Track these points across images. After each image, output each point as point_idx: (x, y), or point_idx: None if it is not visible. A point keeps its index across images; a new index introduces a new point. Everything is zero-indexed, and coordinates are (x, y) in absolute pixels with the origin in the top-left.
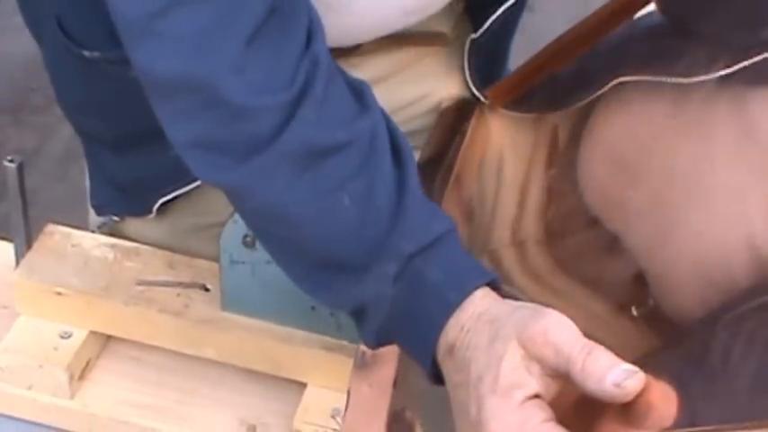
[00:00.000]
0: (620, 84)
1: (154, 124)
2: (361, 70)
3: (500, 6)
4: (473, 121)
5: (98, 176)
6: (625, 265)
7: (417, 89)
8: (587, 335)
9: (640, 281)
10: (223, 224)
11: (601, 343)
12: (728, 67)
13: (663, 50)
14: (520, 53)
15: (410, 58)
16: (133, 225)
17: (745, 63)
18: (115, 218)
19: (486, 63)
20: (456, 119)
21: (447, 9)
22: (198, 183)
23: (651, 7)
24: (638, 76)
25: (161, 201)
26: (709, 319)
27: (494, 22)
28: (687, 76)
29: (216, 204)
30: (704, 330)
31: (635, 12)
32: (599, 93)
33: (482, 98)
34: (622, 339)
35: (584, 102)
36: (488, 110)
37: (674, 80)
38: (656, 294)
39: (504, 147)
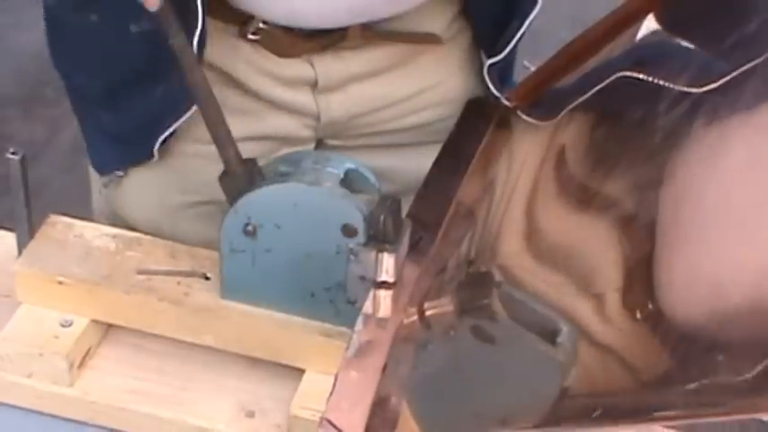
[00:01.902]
0: (621, 83)
1: (133, 70)
2: (351, 63)
3: (512, 28)
4: (493, 122)
5: (94, 134)
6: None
7: (411, 86)
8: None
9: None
10: (209, 203)
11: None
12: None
13: (666, 56)
14: (522, 52)
15: (403, 56)
16: (123, 203)
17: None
18: (119, 173)
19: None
20: (478, 116)
21: (439, 10)
22: (191, 112)
23: None
24: (641, 74)
25: (161, 138)
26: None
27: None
28: (692, 85)
29: (201, 177)
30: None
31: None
32: (600, 86)
33: (504, 101)
34: (632, 343)
35: (586, 95)
36: (508, 111)
37: (678, 87)
38: (658, 300)
39: (519, 158)
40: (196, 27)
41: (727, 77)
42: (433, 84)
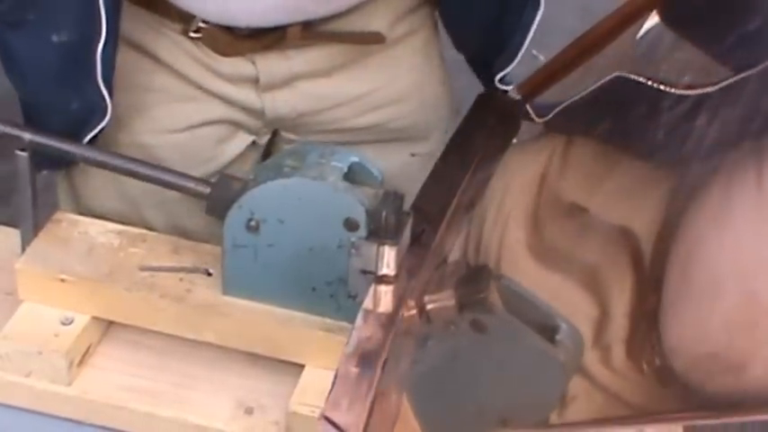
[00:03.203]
0: (619, 83)
1: (52, 79)
2: (295, 62)
3: (515, 43)
4: (499, 119)
5: None
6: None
7: (360, 86)
8: (606, 385)
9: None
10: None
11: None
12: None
13: (664, 58)
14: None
15: (349, 56)
16: (88, 193)
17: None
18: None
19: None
20: (487, 111)
21: (381, 12)
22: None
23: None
24: (635, 75)
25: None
26: None
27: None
28: (690, 87)
29: (162, 162)
30: None
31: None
32: (597, 85)
33: (513, 94)
34: (636, 390)
35: (584, 93)
36: (518, 110)
37: (677, 91)
38: (664, 351)
39: (520, 168)
40: (100, 36)
41: (726, 82)
42: (383, 84)
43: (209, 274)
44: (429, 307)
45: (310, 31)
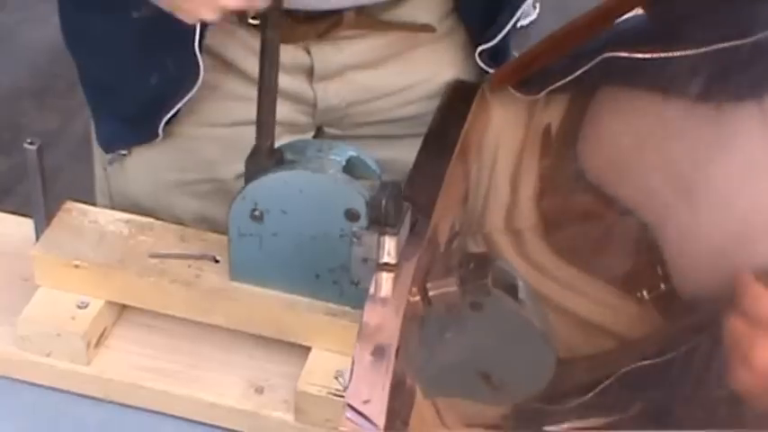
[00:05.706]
0: (609, 63)
1: (132, 54)
2: (348, 52)
3: (503, 17)
4: (475, 103)
5: (102, 114)
6: (627, 252)
7: (407, 78)
8: (592, 320)
9: (644, 267)
10: (205, 181)
11: (607, 326)
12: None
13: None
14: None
15: (398, 47)
16: (123, 179)
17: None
18: (123, 152)
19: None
20: (460, 99)
21: (434, 5)
22: (192, 93)
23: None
24: (625, 53)
25: (165, 119)
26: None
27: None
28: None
29: (200, 157)
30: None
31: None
32: (587, 67)
33: (485, 86)
34: (628, 322)
35: (573, 75)
36: (489, 92)
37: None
38: (672, 276)
39: (501, 134)
40: None
41: (716, 46)
42: (427, 77)
43: (217, 261)
44: (432, 293)
45: (364, 18)
